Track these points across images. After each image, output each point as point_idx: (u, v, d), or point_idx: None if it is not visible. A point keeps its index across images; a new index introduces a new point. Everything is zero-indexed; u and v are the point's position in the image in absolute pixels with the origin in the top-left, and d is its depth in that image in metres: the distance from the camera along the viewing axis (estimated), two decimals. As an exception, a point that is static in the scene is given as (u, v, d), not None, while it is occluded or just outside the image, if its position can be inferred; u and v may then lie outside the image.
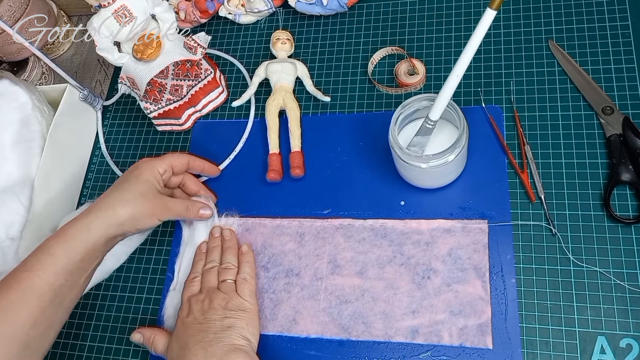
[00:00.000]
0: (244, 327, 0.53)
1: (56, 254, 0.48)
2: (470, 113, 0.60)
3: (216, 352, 0.49)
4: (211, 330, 0.51)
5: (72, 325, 0.62)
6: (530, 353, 0.50)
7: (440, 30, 0.66)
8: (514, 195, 0.56)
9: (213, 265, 0.58)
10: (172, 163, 0.58)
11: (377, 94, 0.65)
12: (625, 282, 0.50)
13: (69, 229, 0.50)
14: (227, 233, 0.61)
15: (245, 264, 0.58)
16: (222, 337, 0.51)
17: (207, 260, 0.59)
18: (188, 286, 0.58)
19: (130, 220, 0.53)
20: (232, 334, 0.51)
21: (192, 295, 0.56)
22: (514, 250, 0.54)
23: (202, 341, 0.50)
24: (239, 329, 0.52)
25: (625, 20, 0.60)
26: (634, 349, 0.48)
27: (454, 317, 0.52)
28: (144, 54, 0.63)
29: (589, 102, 0.58)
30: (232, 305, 0.54)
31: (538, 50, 0.62)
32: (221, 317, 0.52)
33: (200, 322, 0.52)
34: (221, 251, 0.60)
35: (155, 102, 0.65)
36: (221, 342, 0.50)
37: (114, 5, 0.60)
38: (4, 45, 0.75)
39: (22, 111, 0.64)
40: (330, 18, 0.71)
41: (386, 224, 0.58)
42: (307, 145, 0.64)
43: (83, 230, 0.50)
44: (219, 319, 0.52)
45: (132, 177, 0.55)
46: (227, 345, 0.50)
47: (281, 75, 0.66)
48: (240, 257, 0.59)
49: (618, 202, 0.53)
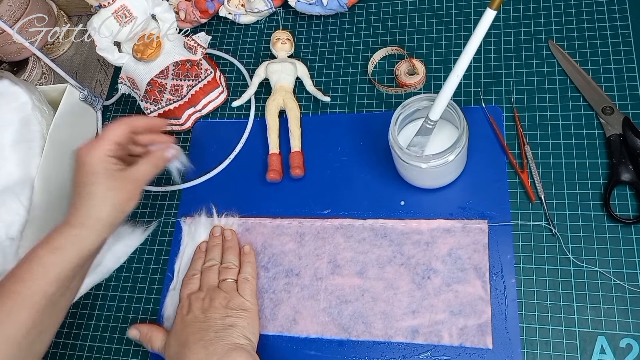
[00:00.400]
0: (245, 326, 0.52)
1: (47, 264, 0.47)
2: (470, 113, 0.60)
3: (217, 351, 0.49)
4: (212, 329, 0.51)
5: (72, 325, 0.62)
6: (530, 353, 0.50)
7: (440, 30, 0.66)
8: (514, 195, 0.56)
9: (213, 263, 0.58)
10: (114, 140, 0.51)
11: (377, 94, 0.65)
12: (625, 282, 0.50)
13: (58, 238, 0.48)
14: (228, 233, 0.61)
15: (247, 264, 0.58)
16: (224, 336, 0.50)
17: (207, 258, 0.59)
18: (187, 283, 0.57)
19: (115, 216, 0.50)
20: (234, 332, 0.51)
21: (192, 292, 0.56)
22: (514, 250, 0.54)
23: (203, 339, 0.50)
24: (240, 328, 0.52)
25: (625, 20, 0.60)
26: (634, 349, 0.48)
27: (454, 317, 0.52)
28: (144, 54, 0.63)
29: (589, 102, 0.58)
30: (233, 304, 0.54)
31: (538, 50, 0.62)
32: (222, 315, 0.52)
33: (201, 321, 0.52)
34: (222, 250, 0.60)
35: (155, 102, 0.65)
36: (222, 340, 0.50)
37: (114, 5, 0.60)
38: (4, 45, 0.75)
39: (22, 111, 0.64)
40: (330, 18, 0.71)
41: (386, 224, 0.58)
42: (307, 145, 0.64)
43: (72, 239, 0.48)
44: (220, 318, 0.52)
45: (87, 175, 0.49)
46: (228, 344, 0.50)
47: (281, 75, 0.66)
48: (243, 257, 0.59)
49: (618, 202, 0.53)
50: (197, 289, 0.57)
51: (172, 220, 0.64)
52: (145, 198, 0.66)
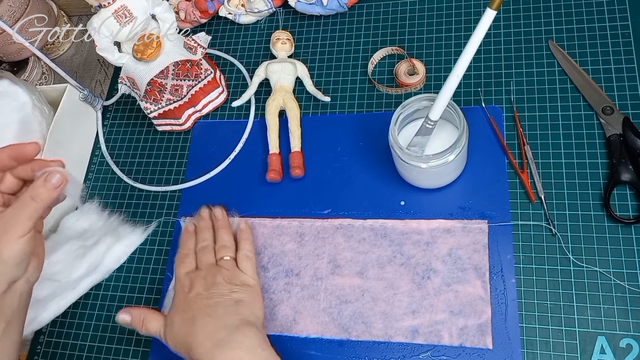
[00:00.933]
0: (252, 303, 0.51)
1: None
2: (470, 113, 0.60)
3: (228, 324, 0.47)
4: (221, 305, 0.49)
5: (72, 325, 0.62)
6: (530, 353, 0.50)
7: (440, 30, 0.66)
8: (514, 195, 0.56)
9: (207, 244, 0.56)
10: None
11: (377, 94, 0.65)
12: (625, 282, 0.50)
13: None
14: (218, 212, 0.59)
15: (244, 241, 0.57)
16: (234, 311, 0.49)
17: (199, 239, 0.57)
18: (181, 263, 0.55)
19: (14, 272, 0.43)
20: (242, 308, 0.50)
21: (190, 271, 0.54)
22: (514, 250, 0.54)
23: (212, 315, 0.49)
24: (248, 304, 0.51)
25: (625, 20, 0.60)
26: (634, 349, 0.48)
27: (454, 317, 0.52)
28: (144, 54, 0.63)
29: (589, 102, 0.58)
30: (237, 280, 0.52)
31: (538, 50, 0.62)
32: (228, 291, 0.51)
33: (206, 297, 0.50)
34: (213, 231, 0.58)
35: (155, 102, 0.65)
36: (234, 315, 0.49)
37: (114, 5, 0.60)
38: (4, 45, 0.75)
39: (22, 111, 0.64)
40: (330, 18, 0.71)
41: (386, 224, 0.58)
42: (307, 145, 0.64)
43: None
44: (226, 294, 0.50)
45: None
46: (238, 319, 0.49)
47: (281, 75, 0.66)
48: (239, 234, 0.58)
49: (618, 202, 0.53)
50: (194, 267, 0.55)
51: (172, 220, 0.64)
52: (145, 198, 0.66)
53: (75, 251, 0.61)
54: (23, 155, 0.45)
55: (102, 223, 0.64)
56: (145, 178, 0.68)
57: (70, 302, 0.60)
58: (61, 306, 0.59)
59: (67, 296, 0.60)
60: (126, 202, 0.67)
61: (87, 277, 0.61)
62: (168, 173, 0.67)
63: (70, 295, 0.60)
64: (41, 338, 0.62)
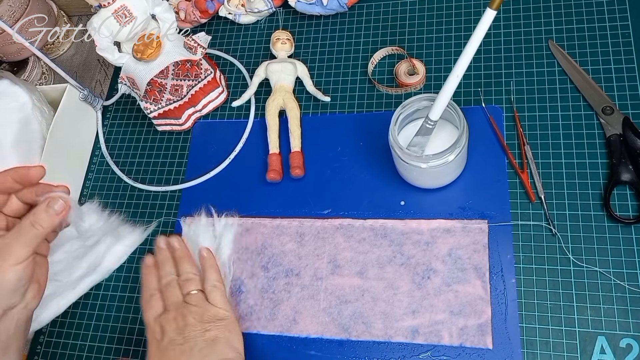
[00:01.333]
0: (228, 337, 0.49)
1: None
2: (470, 113, 0.60)
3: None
4: (196, 348, 0.47)
5: (72, 325, 0.62)
6: (530, 353, 0.50)
7: (440, 30, 0.66)
8: (514, 195, 0.56)
9: (170, 278, 0.54)
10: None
11: (377, 94, 0.65)
12: (625, 282, 0.50)
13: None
14: (174, 242, 0.57)
15: (209, 270, 0.54)
16: (210, 353, 0.47)
17: (161, 274, 0.55)
18: (148, 306, 0.52)
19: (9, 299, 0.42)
20: (219, 346, 0.48)
21: (158, 315, 0.51)
22: (514, 250, 0.54)
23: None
24: (224, 340, 0.49)
25: (625, 20, 0.60)
26: (634, 349, 0.48)
27: (454, 317, 0.52)
28: (144, 54, 0.63)
29: (589, 102, 0.58)
30: (208, 317, 0.50)
31: (538, 50, 0.62)
32: (201, 331, 0.49)
33: (180, 343, 0.48)
34: (174, 262, 0.56)
35: (155, 102, 0.65)
36: (212, 356, 0.47)
37: (114, 5, 0.60)
38: (4, 45, 0.75)
39: (22, 111, 0.64)
40: (330, 18, 0.71)
41: (386, 224, 0.58)
42: (307, 145, 0.64)
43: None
44: (200, 334, 0.48)
45: None
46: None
47: (281, 75, 0.66)
48: (202, 261, 0.55)
49: (618, 202, 0.53)
50: (162, 310, 0.52)
51: (172, 220, 0.64)
52: (145, 198, 0.66)
53: (75, 251, 0.61)
54: (27, 178, 0.45)
55: (102, 223, 0.64)
56: (145, 178, 0.68)
57: (70, 302, 0.60)
58: (61, 306, 0.59)
59: (67, 296, 0.60)
60: (126, 202, 0.67)
61: (87, 277, 0.61)
62: (168, 173, 0.67)
63: (70, 295, 0.60)
64: (41, 338, 0.62)
